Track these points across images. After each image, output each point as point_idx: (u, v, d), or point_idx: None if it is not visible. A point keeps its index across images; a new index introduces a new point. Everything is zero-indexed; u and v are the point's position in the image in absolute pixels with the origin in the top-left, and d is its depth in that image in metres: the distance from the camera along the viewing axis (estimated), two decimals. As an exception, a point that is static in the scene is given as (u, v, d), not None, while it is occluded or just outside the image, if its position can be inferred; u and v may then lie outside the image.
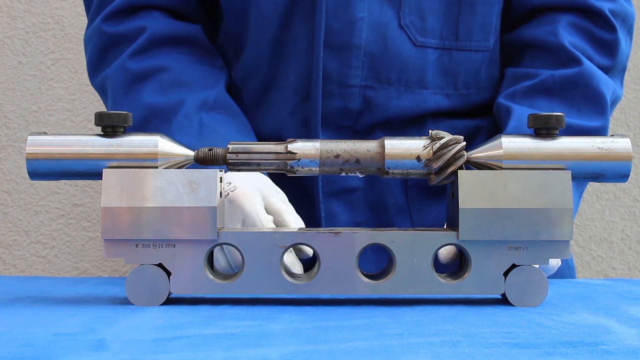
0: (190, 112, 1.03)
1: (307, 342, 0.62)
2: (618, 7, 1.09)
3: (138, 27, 1.08)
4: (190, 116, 1.02)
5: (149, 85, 1.06)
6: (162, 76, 1.06)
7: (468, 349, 0.60)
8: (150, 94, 1.05)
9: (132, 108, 1.04)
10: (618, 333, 0.66)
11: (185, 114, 1.03)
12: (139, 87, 1.06)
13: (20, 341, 0.62)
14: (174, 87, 1.05)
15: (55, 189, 1.63)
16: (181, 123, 1.02)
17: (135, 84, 1.06)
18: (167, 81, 1.06)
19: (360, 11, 1.03)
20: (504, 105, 1.06)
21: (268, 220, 0.90)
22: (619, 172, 0.80)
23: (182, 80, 1.06)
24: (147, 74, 1.06)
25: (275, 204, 0.92)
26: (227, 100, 1.07)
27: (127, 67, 1.07)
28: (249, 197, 0.90)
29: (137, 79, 1.06)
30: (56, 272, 1.64)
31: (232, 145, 0.80)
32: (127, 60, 1.07)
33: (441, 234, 0.78)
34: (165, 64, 1.07)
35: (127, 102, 1.06)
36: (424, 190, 1.09)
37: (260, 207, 0.90)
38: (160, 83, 1.06)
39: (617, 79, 1.11)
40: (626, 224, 1.71)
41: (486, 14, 1.08)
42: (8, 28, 1.63)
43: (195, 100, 1.04)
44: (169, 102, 1.04)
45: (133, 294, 0.78)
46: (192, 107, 1.03)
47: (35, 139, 0.79)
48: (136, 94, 1.06)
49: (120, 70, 1.07)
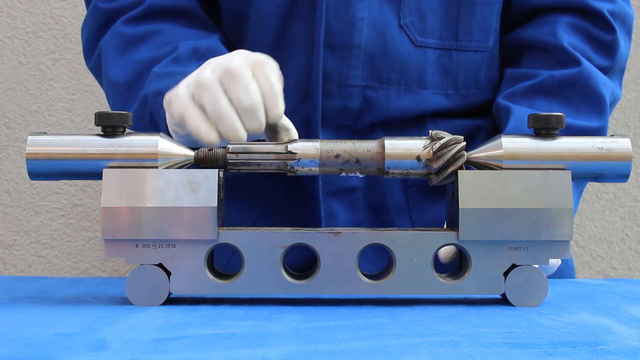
0: (180, 58, 1.00)
1: (307, 342, 0.62)
2: (617, 8, 1.09)
3: (136, 0, 1.07)
4: (179, 60, 1.00)
5: (143, 46, 1.04)
6: (157, 37, 1.05)
7: (468, 349, 0.60)
8: (143, 52, 1.04)
9: (125, 66, 1.03)
10: (618, 333, 0.66)
11: (175, 57, 1.01)
12: (133, 48, 1.04)
13: (20, 341, 0.62)
14: (169, 44, 1.03)
15: (55, 189, 1.63)
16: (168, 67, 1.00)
17: (130, 46, 1.05)
18: (161, 41, 1.04)
19: (360, 11, 1.03)
20: (503, 106, 1.06)
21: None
22: (619, 172, 0.80)
23: (177, 39, 1.04)
24: (142, 37, 1.05)
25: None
26: (221, 49, 1.04)
27: (121, 31, 1.05)
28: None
29: (131, 42, 1.05)
30: (56, 272, 1.64)
31: (232, 145, 0.80)
32: (121, 26, 1.06)
33: (441, 234, 0.78)
34: (161, 28, 1.06)
35: (121, 62, 1.04)
36: (424, 190, 1.09)
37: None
38: (155, 43, 1.04)
39: (616, 80, 1.11)
40: (626, 224, 1.71)
41: (486, 14, 1.08)
42: (8, 28, 1.63)
43: (188, 45, 1.02)
44: (162, 52, 1.02)
45: (133, 294, 0.78)
46: (183, 53, 1.01)
47: (35, 139, 0.79)
48: (129, 54, 1.04)
49: (115, 35, 1.06)
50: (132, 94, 1.01)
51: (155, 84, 0.98)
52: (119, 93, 1.03)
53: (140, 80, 1.02)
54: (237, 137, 0.83)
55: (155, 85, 0.97)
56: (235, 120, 0.83)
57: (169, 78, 0.95)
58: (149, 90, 0.98)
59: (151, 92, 0.97)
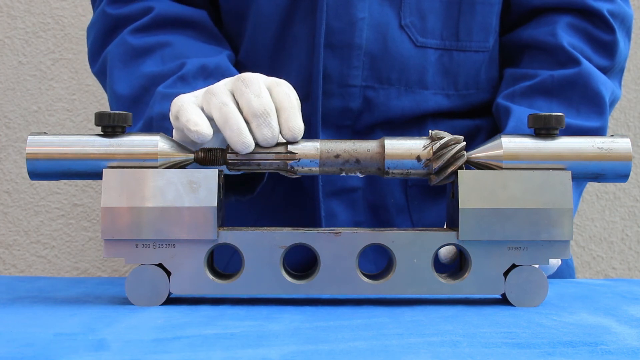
0: (187, 76, 0.98)
1: (307, 342, 0.62)
2: (616, 8, 1.09)
3: (145, 7, 1.05)
4: (186, 79, 0.98)
5: (150, 59, 1.02)
6: (165, 50, 1.02)
7: (468, 349, 0.60)
8: (150, 66, 1.01)
9: (131, 79, 1.01)
10: (618, 333, 0.66)
11: (181, 76, 0.98)
12: (139, 61, 1.02)
13: (20, 341, 0.62)
14: (177, 59, 1.01)
15: (55, 189, 1.63)
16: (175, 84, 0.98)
17: (136, 58, 1.02)
18: (169, 54, 1.02)
19: (361, 11, 1.03)
20: (503, 106, 1.06)
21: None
22: (619, 172, 0.80)
23: (185, 54, 1.02)
24: (149, 48, 1.03)
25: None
26: (229, 68, 1.01)
27: (128, 41, 1.03)
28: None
29: (138, 53, 1.03)
30: (56, 272, 1.64)
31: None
32: (128, 36, 1.04)
33: (441, 234, 0.78)
34: (169, 40, 1.03)
35: (126, 74, 1.02)
36: (424, 190, 1.09)
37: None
38: (162, 57, 1.02)
39: (616, 80, 1.11)
40: (626, 224, 1.71)
41: (486, 14, 1.08)
42: (8, 28, 1.63)
43: (195, 63, 0.99)
44: (169, 68, 1.00)
45: (133, 294, 0.78)
46: (191, 71, 0.98)
47: (35, 139, 0.79)
48: (136, 67, 1.02)
49: (121, 44, 1.04)
50: (137, 109, 0.99)
51: (159, 105, 0.95)
52: (124, 106, 1.01)
53: (146, 95, 0.99)
54: (242, 142, 0.78)
55: (160, 107, 0.95)
56: (241, 123, 0.78)
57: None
58: (154, 113, 0.96)
59: (156, 115, 0.95)
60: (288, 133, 0.79)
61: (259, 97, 0.79)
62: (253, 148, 0.79)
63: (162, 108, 0.95)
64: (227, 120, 0.78)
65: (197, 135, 0.79)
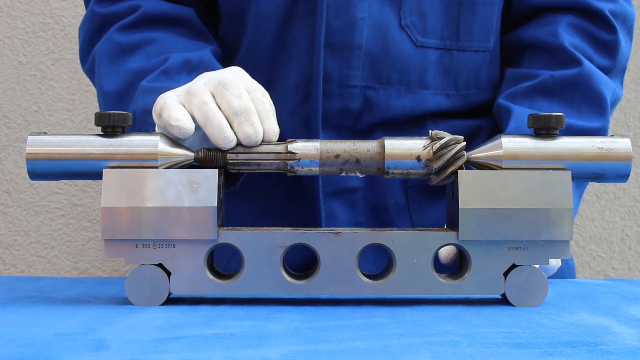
0: (170, 70, 0.99)
1: (307, 342, 0.62)
2: (618, 8, 1.09)
3: (132, 5, 1.07)
4: (169, 73, 0.99)
5: (136, 55, 1.03)
6: (150, 47, 1.04)
7: (468, 349, 0.60)
8: (136, 62, 1.03)
9: (117, 75, 1.02)
10: (618, 333, 0.66)
11: (165, 70, 0.99)
12: (126, 57, 1.03)
13: (20, 341, 0.62)
14: (161, 54, 1.02)
15: (55, 189, 1.63)
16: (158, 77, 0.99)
17: (122, 54, 1.04)
18: (154, 50, 1.03)
19: (361, 11, 1.03)
20: (504, 106, 1.06)
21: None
22: (619, 172, 0.80)
23: (170, 49, 1.03)
24: (135, 45, 1.04)
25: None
26: (213, 62, 1.02)
27: (114, 39, 1.05)
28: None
29: (124, 50, 1.04)
30: (56, 272, 1.64)
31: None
32: (115, 34, 1.05)
33: (441, 234, 0.78)
34: (155, 37, 1.05)
35: (112, 71, 1.03)
36: (424, 190, 1.09)
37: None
38: (148, 53, 1.03)
39: (617, 80, 1.11)
40: (626, 224, 1.71)
41: (487, 14, 1.08)
42: (8, 28, 1.63)
43: (179, 57, 1.01)
44: (153, 63, 1.01)
45: (133, 294, 0.78)
46: (174, 65, 1.00)
47: (35, 139, 0.79)
48: (122, 63, 1.03)
49: (108, 42, 1.05)
50: (123, 104, 1.01)
51: (142, 99, 0.96)
52: (110, 103, 1.02)
53: (131, 91, 1.01)
54: (223, 137, 0.80)
55: (142, 101, 0.96)
56: (222, 120, 0.80)
57: (157, 93, 0.93)
58: (137, 107, 0.97)
59: (139, 110, 0.96)
60: (265, 134, 0.81)
61: (239, 98, 0.81)
62: (235, 143, 0.80)
63: (144, 102, 0.96)
64: (208, 117, 0.80)
65: (179, 130, 0.80)
